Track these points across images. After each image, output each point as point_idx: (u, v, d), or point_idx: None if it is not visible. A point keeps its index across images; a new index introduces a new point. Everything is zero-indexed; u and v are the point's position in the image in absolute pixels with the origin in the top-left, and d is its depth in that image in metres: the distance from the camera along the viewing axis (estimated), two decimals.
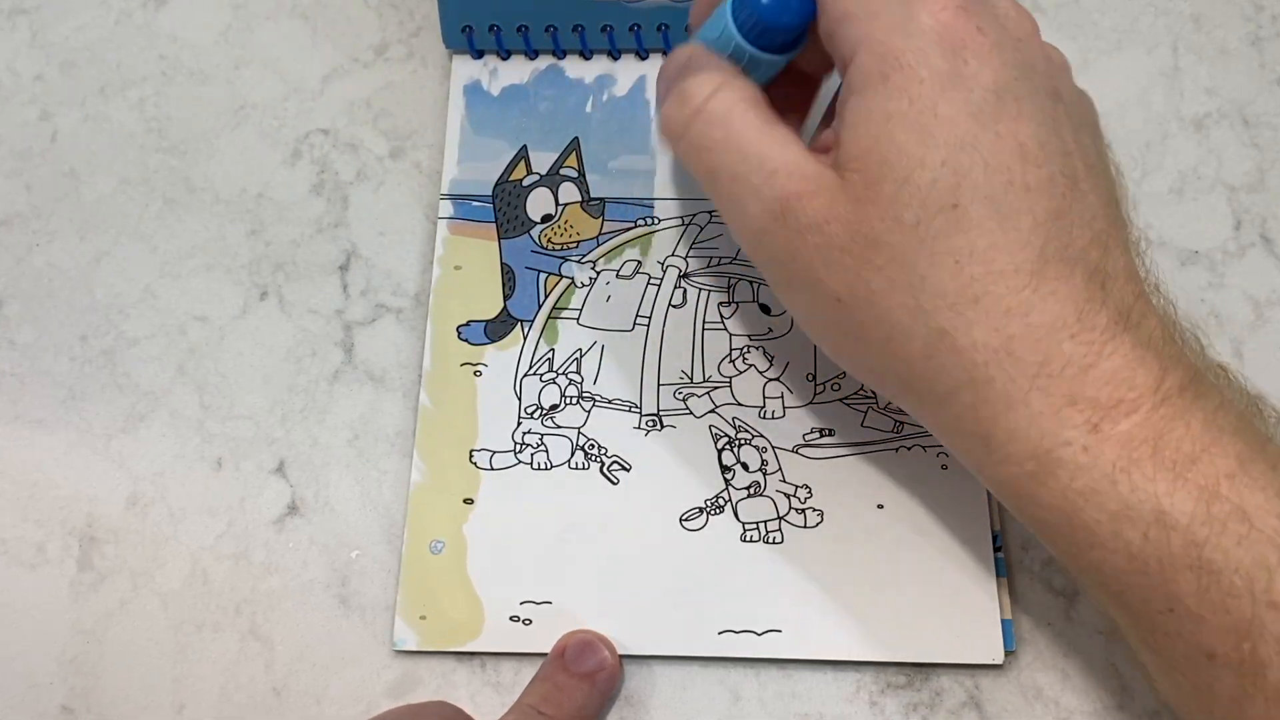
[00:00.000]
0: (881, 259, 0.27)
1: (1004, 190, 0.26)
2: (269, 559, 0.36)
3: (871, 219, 0.27)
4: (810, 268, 0.28)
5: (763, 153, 0.28)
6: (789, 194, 0.28)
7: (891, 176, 0.27)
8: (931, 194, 0.26)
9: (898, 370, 0.28)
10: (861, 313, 0.28)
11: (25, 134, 0.42)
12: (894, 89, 0.27)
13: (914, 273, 0.27)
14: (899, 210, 0.27)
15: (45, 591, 0.36)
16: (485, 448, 0.36)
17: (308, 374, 0.38)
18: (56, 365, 0.39)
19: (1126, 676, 0.34)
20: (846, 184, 0.27)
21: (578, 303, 0.39)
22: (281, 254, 0.40)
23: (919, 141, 0.26)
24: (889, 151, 0.27)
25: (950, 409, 0.28)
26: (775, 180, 0.28)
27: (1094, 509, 0.26)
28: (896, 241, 0.27)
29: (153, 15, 0.44)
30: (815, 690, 0.34)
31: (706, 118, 0.29)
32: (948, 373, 0.27)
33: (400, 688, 0.34)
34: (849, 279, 0.27)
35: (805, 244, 0.28)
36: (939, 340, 0.27)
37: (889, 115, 0.27)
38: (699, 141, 0.30)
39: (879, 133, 0.27)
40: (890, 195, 0.27)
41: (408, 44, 0.44)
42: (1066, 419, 0.26)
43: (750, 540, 0.35)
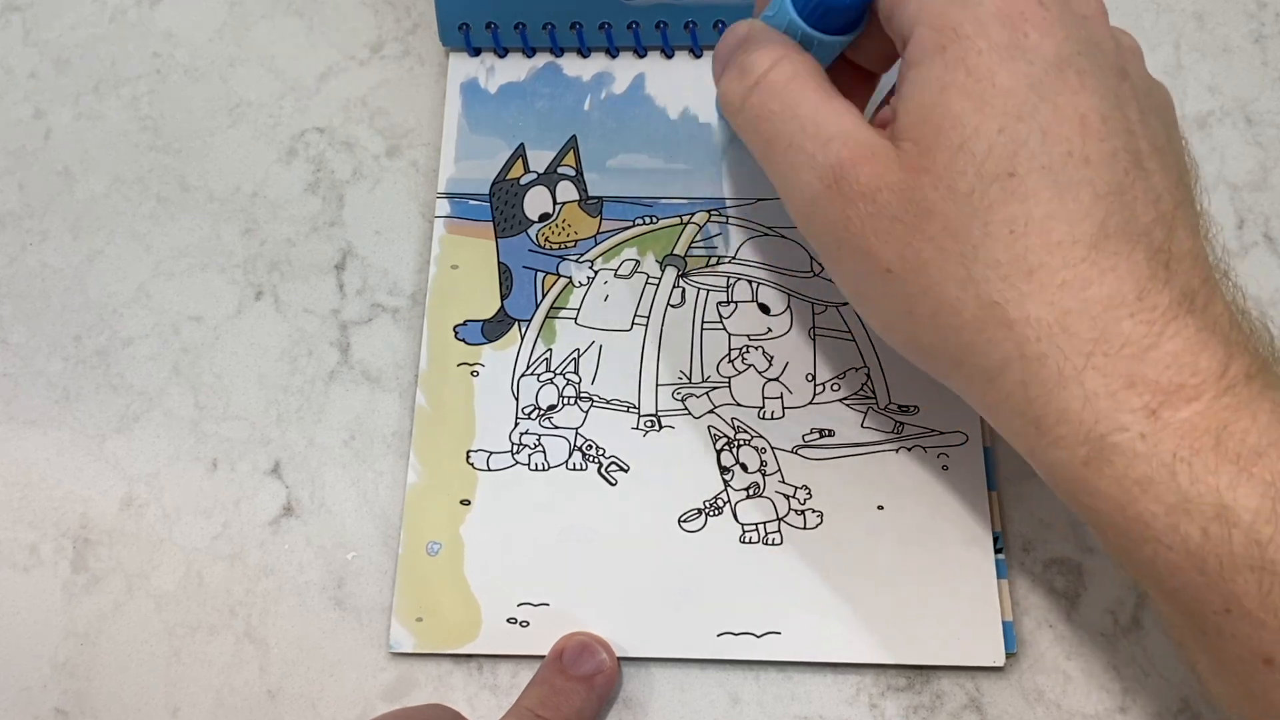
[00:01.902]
0: (934, 228, 0.26)
1: (1063, 161, 0.26)
2: (264, 560, 0.36)
3: (925, 187, 0.26)
4: (861, 237, 0.27)
5: (819, 121, 0.28)
6: (843, 160, 0.27)
7: (946, 144, 0.26)
8: (987, 162, 0.26)
9: (947, 345, 0.27)
10: (911, 284, 0.27)
11: (18, 132, 0.42)
12: (951, 59, 0.26)
13: (966, 242, 0.26)
14: (953, 178, 0.26)
15: (38, 594, 0.36)
16: (482, 448, 0.36)
17: (303, 374, 0.38)
18: (50, 365, 0.38)
19: (1128, 679, 0.33)
20: (901, 152, 0.27)
21: (575, 302, 0.38)
22: (277, 253, 0.40)
23: (975, 110, 0.26)
24: (944, 119, 0.26)
25: (1000, 387, 0.27)
26: (830, 147, 0.28)
27: (1150, 500, 0.25)
28: (949, 210, 0.26)
29: (147, 12, 0.44)
30: (815, 692, 0.34)
31: (766, 87, 0.29)
32: (998, 347, 0.26)
33: (396, 690, 0.34)
34: (900, 248, 0.27)
35: (857, 212, 0.27)
36: (990, 313, 0.26)
37: (945, 85, 0.26)
38: (758, 111, 0.29)
39: (935, 101, 0.26)
40: (944, 163, 0.26)
41: (404, 42, 0.43)
42: (1123, 402, 0.25)
43: (749, 541, 0.35)
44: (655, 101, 0.41)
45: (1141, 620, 0.34)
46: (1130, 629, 0.34)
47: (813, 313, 0.38)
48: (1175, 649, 0.27)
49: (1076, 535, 0.35)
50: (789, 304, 0.38)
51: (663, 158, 0.40)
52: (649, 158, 0.40)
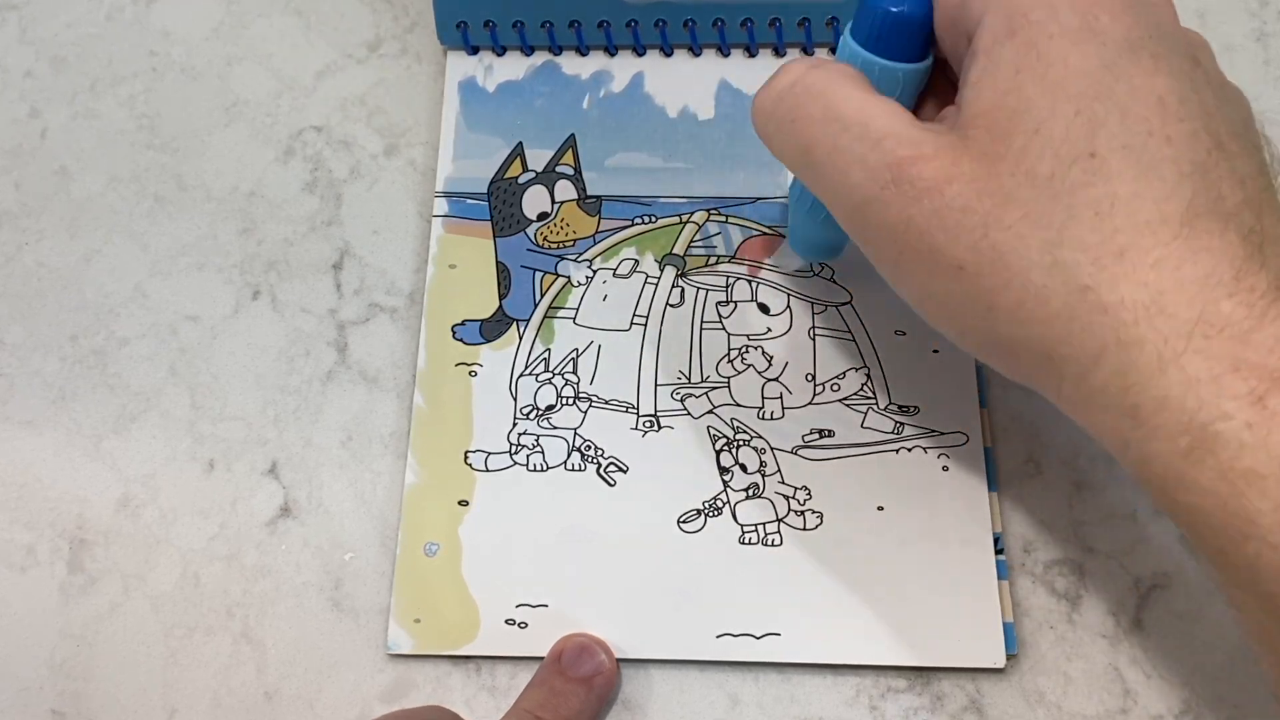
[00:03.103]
0: (1012, 216, 0.25)
1: (1144, 140, 0.25)
2: (261, 561, 0.35)
3: (1000, 175, 0.25)
4: (926, 235, 0.26)
5: (866, 121, 0.27)
6: (900, 159, 0.26)
7: (1021, 128, 0.25)
8: (1066, 144, 0.25)
9: (1035, 338, 0.26)
10: (989, 278, 0.26)
11: (14, 131, 0.42)
12: (1021, 44, 0.26)
13: (1050, 228, 0.25)
14: (1031, 162, 0.25)
15: (35, 594, 0.35)
16: (480, 449, 0.36)
17: (300, 374, 0.38)
18: (46, 365, 0.38)
19: (1129, 680, 0.33)
20: (969, 142, 0.26)
21: (574, 302, 0.38)
22: (274, 253, 0.40)
23: (1049, 92, 0.25)
24: (1017, 104, 0.25)
25: (1095, 378, 0.25)
26: (883, 146, 0.27)
27: (1257, 495, 0.23)
28: (1030, 196, 0.25)
29: (144, 11, 0.44)
30: (814, 694, 0.33)
31: (802, 90, 0.28)
32: (1092, 334, 0.25)
33: (394, 692, 0.34)
34: (973, 241, 0.26)
35: (920, 210, 0.26)
36: (1081, 298, 0.25)
37: (1017, 69, 0.26)
38: (792, 114, 0.28)
39: (1007, 86, 0.26)
40: (1020, 148, 0.25)
41: (402, 40, 0.43)
42: (1227, 387, 0.23)
43: (749, 542, 0.35)
44: (654, 100, 0.41)
45: (1143, 622, 0.34)
46: (1131, 630, 0.34)
47: (812, 312, 0.38)
48: (1262, 659, 0.26)
49: (1077, 536, 0.35)
50: (789, 304, 0.38)
51: (661, 156, 0.40)
52: (648, 156, 0.40)
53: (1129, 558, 0.35)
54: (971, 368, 0.37)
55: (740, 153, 0.40)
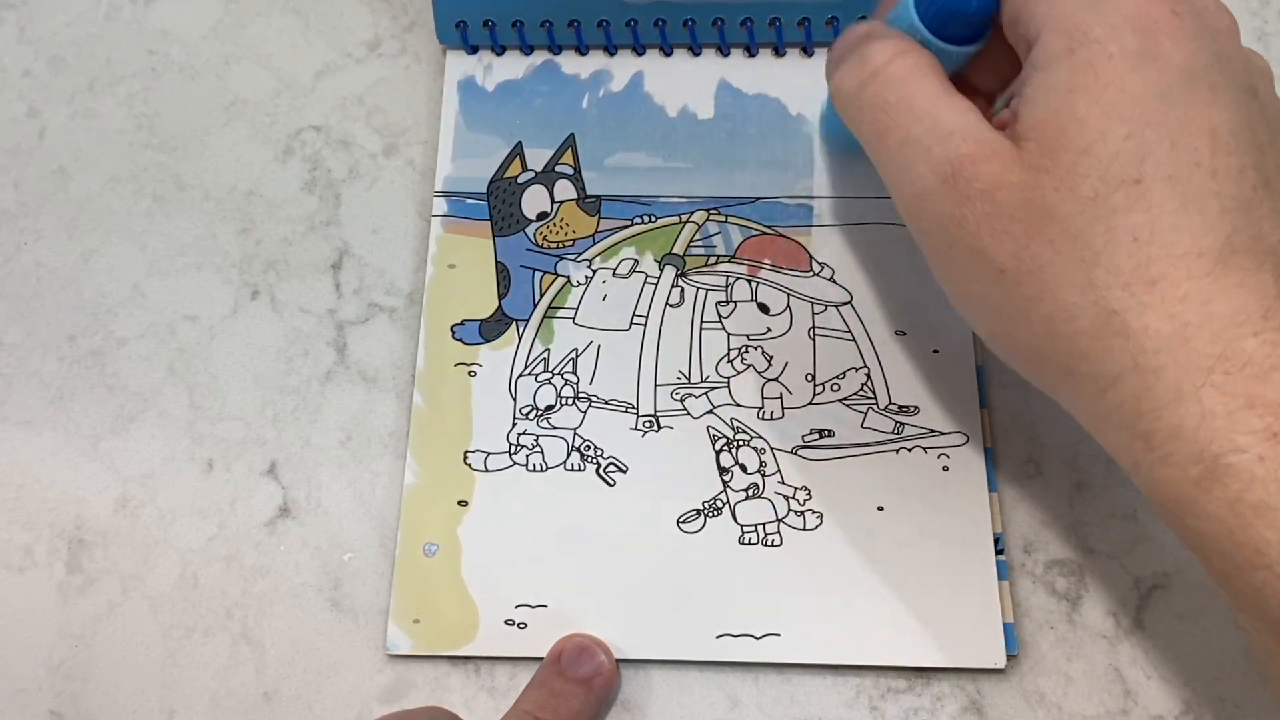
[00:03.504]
0: (1053, 231, 0.26)
1: (1189, 172, 0.25)
2: (260, 562, 0.35)
3: (1046, 188, 0.26)
4: (975, 235, 0.27)
5: (938, 115, 0.28)
6: (961, 156, 0.27)
7: (1071, 146, 0.26)
8: (1112, 167, 0.25)
9: (1060, 352, 0.27)
10: (1026, 286, 0.26)
11: (13, 131, 0.42)
12: (1080, 62, 0.26)
13: (1088, 247, 0.25)
14: (1076, 181, 0.25)
15: (33, 595, 0.35)
16: (480, 449, 0.36)
17: (299, 374, 0.38)
18: (44, 365, 0.38)
19: (1129, 681, 0.33)
20: (1023, 151, 0.26)
21: (574, 302, 0.38)
22: (273, 252, 0.40)
23: (1102, 114, 0.25)
24: (1069, 122, 0.26)
25: (1111, 398, 0.26)
26: (950, 142, 0.27)
27: (1265, 526, 0.24)
28: (1071, 213, 0.26)
29: (142, 10, 0.44)
30: (814, 695, 0.33)
31: (884, 79, 0.29)
32: (1114, 357, 0.25)
33: (393, 692, 0.34)
34: (1016, 249, 0.26)
35: (973, 210, 0.27)
36: (1108, 321, 0.25)
37: (1072, 87, 0.26)
38: (873, 101, 0.29)
39: (1060, 104, 0.26)
40: (1068, 165, 0.26)
41: (401, 39, 0.43)
42: (1242, 422, 0.24)
43: (748, 543, 0.35)
44: (654, 99, 0.41)
45: (1143, 622, 0.34)
46: (1132, 631, 0.34)
47: (812, 312, 0.38)
48: (1272, 682, 0.27)
49: (1078, 537, 0.35)
50: (788, 303, 0.38)
51: (661, 156, 0.40)
52: (647, 156, 0.40)
53: (1129, 558, 0.35)
54: (971, 368, 0.36)
55: (740, 152, 0.40)
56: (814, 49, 0.41)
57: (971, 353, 0.37)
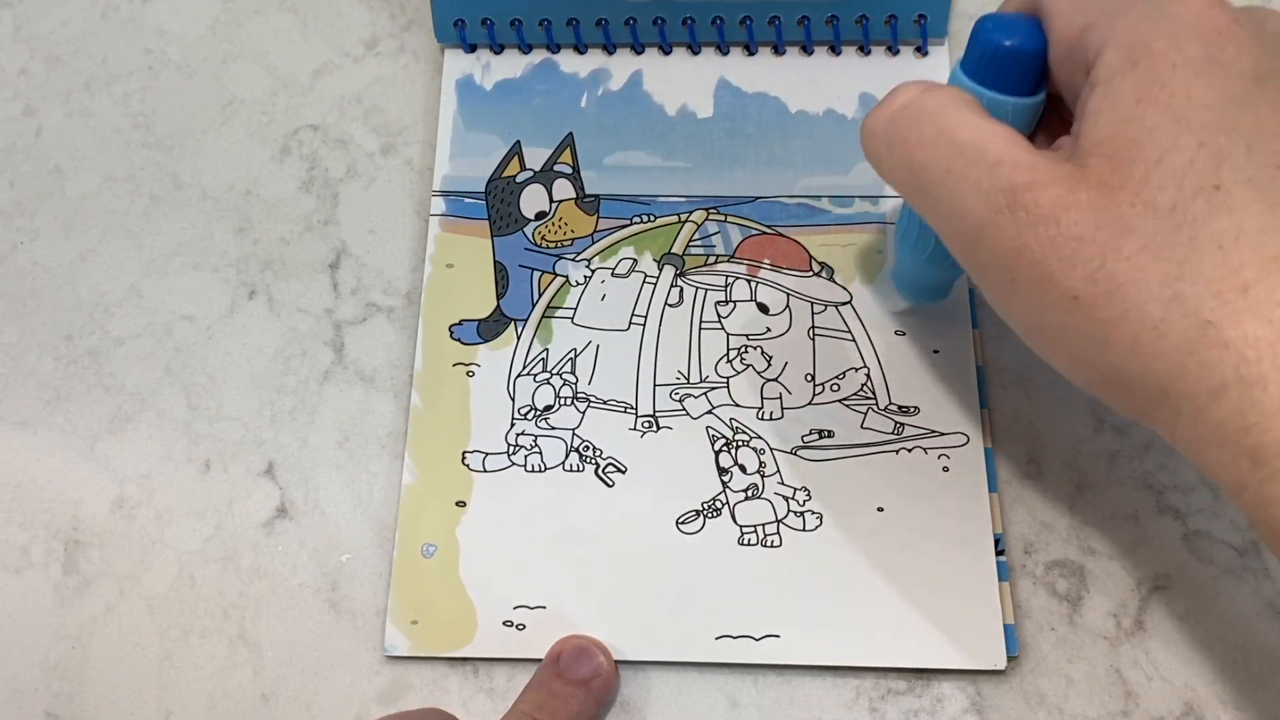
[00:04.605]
0: (1131, 247, 0.25)
1: (1271, 174, 0.24)
2: (258, 563, 0.35)
3: (1119, 204, 0.25)
4: (1041, 264, 0.26)
5: (982, 145, 0.27)
6: (1016, 184, 0.26)
7: (1142, 158, 0.25)
8: (1189, 175, 0.24)
9: (1151, 372, 0.25)
10: (1104, 309, 0.25)
11: (9, 130, 0.42)
12: (1144, 74, 0.25)
13: (1170, 260, 0.24)
14: (1152, 192, 0.25)
15: (29, 596, 0.35)
16: (478, 449, 0.36)
17: (297, 374, 0.38)
18: (41, 365, 0.38)
19: (1130, 682, 0.33)
20: (1087, 170, 0.25)
21: (572, 302, 0.38)
22: (270, 252, 0.40)
23: (1172, 123, 0.25)
24: (1138, 134, 0.25)
25: (1212, 416, 0.25)
26: (999, 172, 0.26)
27: None
28: (1149, 227, 0.25)
29: (139, 9, 0.44)
30: (814, 696, 0.33)
31: (915, 112, 0.28)
32: (1212, 371, 0.24)
33: (391, 694, 0.34)
34: (1090, 271, 0.25)
35: (1036, 237, 0.25)
36: (1201, 333, 0.24)
37: (1138, 99, 0.25)
38: (905, 135, 0.28)
39: (1127, 116, 0.25)
40: (1141, 178, 0.25)
41: (399, 38, 0.43)
42: None
43: (748, 544, 0.34)
44: (653, 99, 0.41)
45: (1144, 623, 0.34)
46: (1133, 632, 0.34)
47: (812, 312, 0.37)
48: None
49: (1079, 538, 0.35)
50: (788, 303, 0.38)
51: (660, 155, 0.40)
52: (646, 155, 0.40)
53: (1130, 559, 0.34)
54: (971, 368, 0.36)
55: (739, 151, 0.40)
56: (813, 48, 0.41)
57: (971, 353, 0.37)
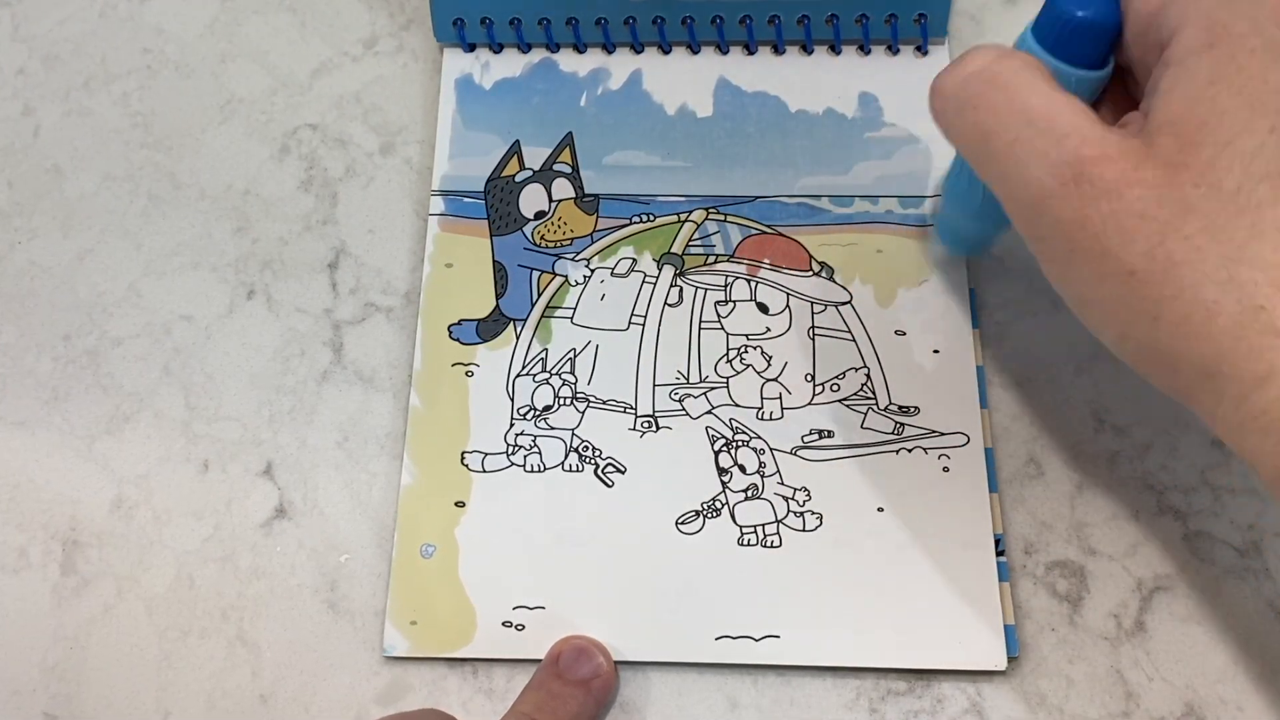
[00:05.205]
0: (1192, 227, 0.25)
1: None
2: (256, 563, 0.35)
3: (1184, 184, 0.25)
4: (1100, 237, 0.26)
5: (1051, 115, 0.27)
6: (1083, 158, 0.26)
7: (1211, 140, 0.25)
8: (1257, 159, 0.25)
9: (1198, 354, 0.25)
10: (1159, 286, 0.25)
11: (7, 129, 0.42)
12: (1220, 55, 0.25)
13: (1229, 243, 0.24)
14: (1218, 175, 0.25)
15: (27, 596, 0.35)
16: (477, 449, 0.36)
17: (296, 374, 0.38)
18: (39, 365, 0.38)
19: (1131, 683, 0.33)
20: (1155, 148, 0.25)
21: (572, 301, 0.38)
22: (269, 252, 0.39)
23: (1245, 106, 0.25)
24: (1209, 115, 0.25)
25: (1256, 402, 0.25)
26: (1066, 143, 0.26)
27: None
28: (1212, 208, 0.25)
29: (138, 8, 0.44)
30: (814, 697, 0.33)
31: (987, 77, 0.28)
32: (1260, 356, 0.24)
33: (390, 694, 0.34)
34: (1149, 248, 0.25)
35: (1098, 211, 0.26)
36: (1253, 318, 0.24)
37: (1212, 80, 0.25)
38: (974, 100, 0.28)
39: (1200, 95, 0.25)
40: (1208, 159, 0.25)
41: (398, 37, 0.43)
42: None
43: (748, 544, 0.34)
44: (652, 98, 0.41)
45: (1145, 624, 0.34)
46: (1134, 632, 0.33)
47: (812, 312, 0.37)
48: None
49: (1079, 538, 0.35)
50: (788, 303, 0.37)
51: (660, 155, 0.40)
52: (646, 155, 0.40)
53: (1131, 559, 0.34)
54: (972, 368, 0.36)
55: (739, 151, 0.40)
56: (813, 47, 0.41)
57: (971, 353, 0.36)
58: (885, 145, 0.40)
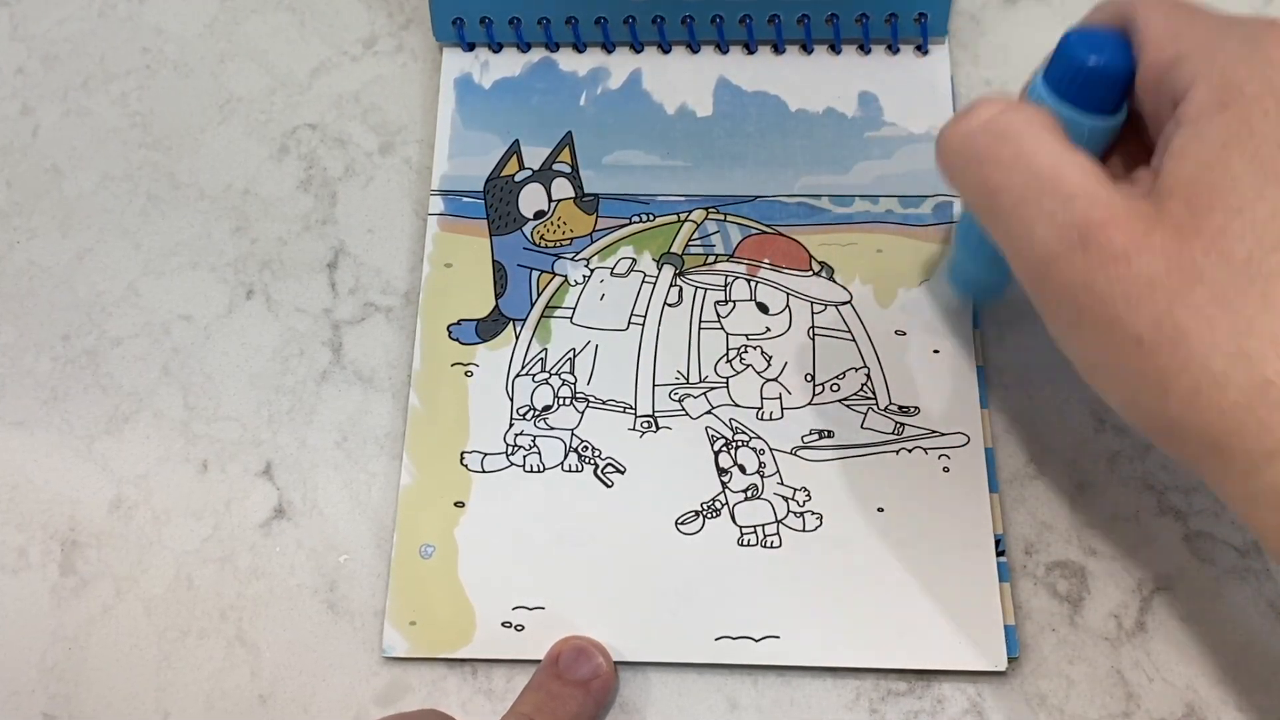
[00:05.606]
0: (1201, 296, 0.24)
1: None
2: (255, 563, 0.35)
3: (1194, 251, 0.24)
4: (1108, 303, 0.25)
5: (1059, 174, 0.26)
6: (1091, 221, 0.25)
7: (1223, 206, 0.24)
8: (1270, 228, 0.24)
9: (1207, 425, 0.25)
10: (1167, 356, 0.25)
11: (6, 129, 0.42)
12: (1233, 117, 0.25)
13: (1240, 314, 0.24)
14: (1229, 243, 0.24)
15: (26, 597, 0.35)
16: (476, 450, 0.36)
17: (295, 374, 0.38)
18: (38, 365, 0.38)
19: (1131, 684, 0.33)
20: (1164, 212, 0.25)
21: (571, 301, 0.38)
22: (268, 251, 0.39)
23: (1258, 172, 0.24)
24: (1221, 180, 0.24)
25: (1266, 476, 0.24)
26: (1074, 205, 0.25)
27: None
28: (1222, 278, 0.24)
29: (137, 7, 0.44)
30: (814, 697, 0.33)
31: (995, 130, 0.27)
32: (1269, 432, 0.24)
33: (389, 695, 0.34)
34: (1156, 316, 0.25)
35: (1106, 276, 0.25)
36: (1263, 393, 0.24)
37: (1225, 143, 0.25)
38: (984, 154, 0.27)
39: (1212, 160, 0.25)
40: (1219, 226, 0.24)
41: (397, 37, 0.43)
42: None
43: (747, 544, 0.34)
44: (652, 97, 0.41)
45: (1146, 624, 0.34)
46: (1134, 633, 0.33)
47: (812, 312, 0.37)
48: None
49: (1079, 538, 0.35)
50: (788, 303, 0.37)
51: (660, 154, 0.40)
52: (645, 154, 0.40)
53: (1132, 560, 0.34)
54: (972, 368, 0.36)
55: (739, 150, 0.40)
56: (813, 46, 0.41)
57: (971, 353, 0.36)
58: (885, 145, 0.40)
